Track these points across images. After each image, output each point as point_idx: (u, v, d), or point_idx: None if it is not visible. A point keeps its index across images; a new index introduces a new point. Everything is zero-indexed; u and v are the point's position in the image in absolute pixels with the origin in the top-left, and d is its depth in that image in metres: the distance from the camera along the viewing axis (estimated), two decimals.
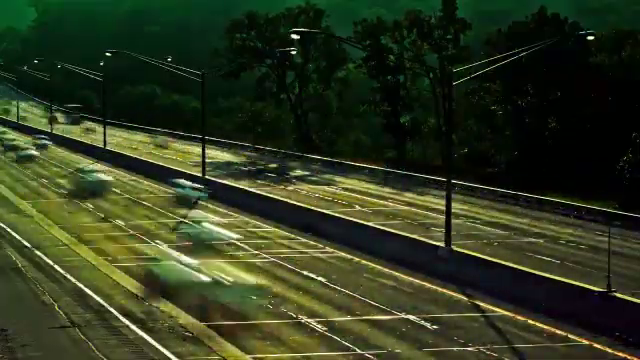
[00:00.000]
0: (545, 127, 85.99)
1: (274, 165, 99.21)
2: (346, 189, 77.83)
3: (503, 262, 43.59)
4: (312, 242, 53.38)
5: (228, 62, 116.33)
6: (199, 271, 38.84)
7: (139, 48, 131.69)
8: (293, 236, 55.46)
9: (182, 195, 68.73)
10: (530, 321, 36.31)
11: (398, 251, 48.46)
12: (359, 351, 32.41)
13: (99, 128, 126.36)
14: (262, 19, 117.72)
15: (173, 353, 31.93)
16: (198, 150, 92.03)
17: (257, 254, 50.07)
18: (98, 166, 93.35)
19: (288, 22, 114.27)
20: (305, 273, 45.26)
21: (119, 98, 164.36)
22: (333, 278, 43.94)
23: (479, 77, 72.75)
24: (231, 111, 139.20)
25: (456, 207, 55.89)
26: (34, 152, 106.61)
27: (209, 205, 68.45)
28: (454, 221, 49.61)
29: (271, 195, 69.93)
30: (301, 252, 50.87)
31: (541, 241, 53.75)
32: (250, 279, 39.57)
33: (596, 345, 33.24)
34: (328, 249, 51.44)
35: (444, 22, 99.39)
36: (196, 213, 61.26)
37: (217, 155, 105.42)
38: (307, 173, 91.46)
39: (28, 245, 52.62)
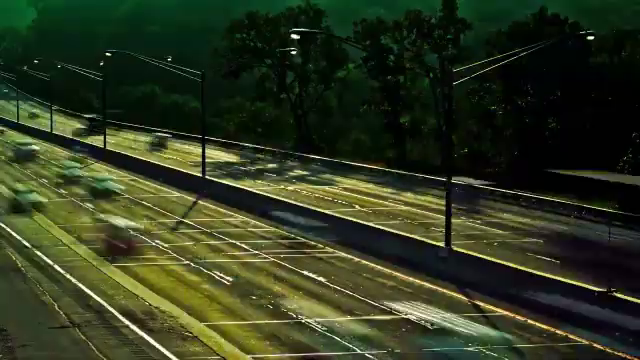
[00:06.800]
0: (545, 127, 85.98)
1: (274, 165, 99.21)
2: (346, 189, 77.84)
3: (503, 262, 43.60)
4: (312, 242, 53.38)
5: (228, 62, 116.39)
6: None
7: (139, 48, 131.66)
8: (293, 236, 55.46)
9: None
10: (530, 321, 36.32)
11: (398, 251, 48.47)
12: (359, 351, 32.42)
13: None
14: (262, 19, 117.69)
15: (173, 353, 31.94)
16: (198, 150, 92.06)
17: (257, 254, 50.09)
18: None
19: (288, 22, 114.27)
20: (305, 273, 45.27)
21: (119, 98, 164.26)
22: (333, 278, 43.95)
23: (479, 77, 72.74)
24: (231, 111, 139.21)
25: (456, 207, 55.91)
26: None
27: (210, 205, 68.52)
28: (454, 221, 49.64)
29: (271, 195, 69.93)
30: (301, 252, 50.87)
31: (541, 241, 53.77)
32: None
33: (596, 345, 33.24)
34: (328, 249, 51.44)
35: (444, 22, 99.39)
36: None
37: (217, 155, 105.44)
38: (307, 173, 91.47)
39: (28, 245, 52.62)
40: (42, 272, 45.55)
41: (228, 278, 43.90)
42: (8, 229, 58.07)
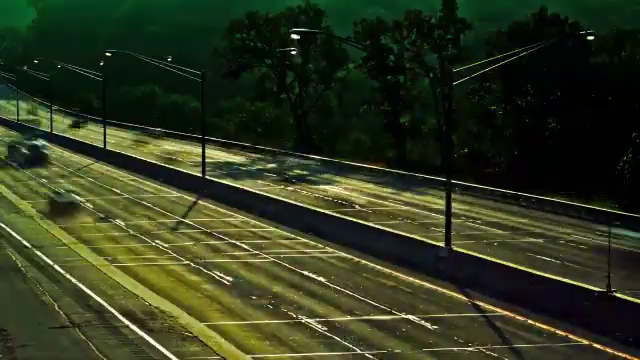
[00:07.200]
0: (545, 127, 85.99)
1: (274, 165, 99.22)
2: (346, 189, 77.84)
3: (503, 262, 43.59)
4: (312, 242, 53.39)
5: (228, 62, 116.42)
6: None
7: (139, 48, 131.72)
8: (293, 236, 55.46)
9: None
10: (530, 321, 36.31)
11: (398, 251, 48.46)
12: (359, 351, 32.41)
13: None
14: (262, 19, 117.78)
15: (173, 353, 31.94)
16: (198, 150, 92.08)
17: (257, 254, 50.09)
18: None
19: (288, 22, 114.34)
20: (305, 273, 45.27)
21: (119, 98, 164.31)
22: (333, 278, 43.95)
23: (479, 77, 72.75)
24: (231, 111, 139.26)
25: (456, 207, 55.90)
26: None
27: (210, 205, 68.52)
28: (454, 221, 49.62)
29: (271, 195, 69.93)
30: (301, 252, 50.88)
31: (541, 241, 53.77)
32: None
33: (596, 345, 33.24)
34: (328, 249, 51.44)
35: (444, 22, 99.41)
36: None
37: (217, 155, 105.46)
38: (307, 173, 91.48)
39: (28, 245, 52.62)
40: (42, 272, 45.55)
41: (228, 278, 43.90)
42: (8, 229, 58.09)
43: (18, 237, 55.31)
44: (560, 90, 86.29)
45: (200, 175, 79.40)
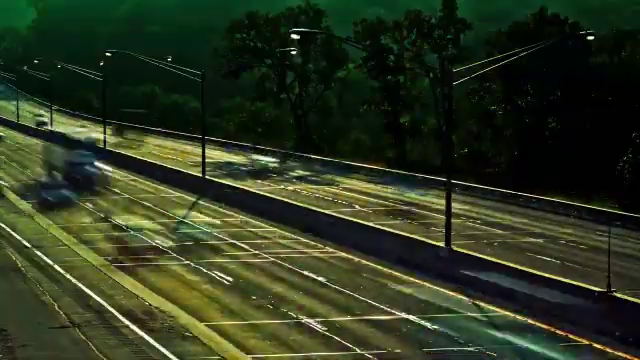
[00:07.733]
0: (545, 127, 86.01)
1: (274, 165, 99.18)
2: (346, 189, 77.81)
3: (503, 262, 43.59)
4: (312, 242, 53.38)
5: (228, 62, 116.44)
6: None
7: (139, 48, 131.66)
8: (293, 236, 55.45)
9: None
10: (530, 321, 36.32)
11: (398, 251, 48.45)
12: (359, 351, 32.41)
13: None
14: (262, 19, 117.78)
15: (173, 353, 31.94)
16: (198, 150, 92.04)
17: (257, 254, 50.09)
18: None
19: (288, 22, 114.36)
20: (305, 273, 45.27)
21: (119, 98, 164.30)
22: (333, 278, 43.94)
23: (479, 77, 72.77)
24: (231, 111, 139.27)
25: (456, 207, 55.89)
26: None
27: (210, 206, 68.52)
28: (454, 221, 49.61)
29: (271, 195, 69.93)
30: (301, 252, 50.88)
31: (541, 241, 53.76)
32: None
33: (596, 345, 33.24)
34: (328, 249, 51.44)
35: (444, 22, 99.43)
36: None
37: (217, 155, 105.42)
38: (307, 173, 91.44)
39: (28, 245, 52.61)
40: (42, 272, 45.54)
41: (228, 278, 43.91)
42: (8, 229, 58.07)
43: (18, 237, 55.30)
44: (560, 90, 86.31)
45: (200, 175, 79.39)
